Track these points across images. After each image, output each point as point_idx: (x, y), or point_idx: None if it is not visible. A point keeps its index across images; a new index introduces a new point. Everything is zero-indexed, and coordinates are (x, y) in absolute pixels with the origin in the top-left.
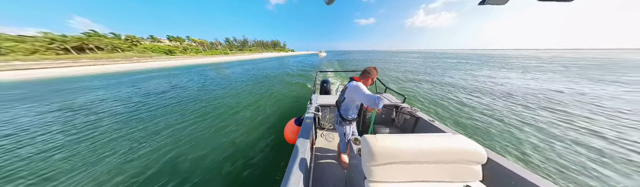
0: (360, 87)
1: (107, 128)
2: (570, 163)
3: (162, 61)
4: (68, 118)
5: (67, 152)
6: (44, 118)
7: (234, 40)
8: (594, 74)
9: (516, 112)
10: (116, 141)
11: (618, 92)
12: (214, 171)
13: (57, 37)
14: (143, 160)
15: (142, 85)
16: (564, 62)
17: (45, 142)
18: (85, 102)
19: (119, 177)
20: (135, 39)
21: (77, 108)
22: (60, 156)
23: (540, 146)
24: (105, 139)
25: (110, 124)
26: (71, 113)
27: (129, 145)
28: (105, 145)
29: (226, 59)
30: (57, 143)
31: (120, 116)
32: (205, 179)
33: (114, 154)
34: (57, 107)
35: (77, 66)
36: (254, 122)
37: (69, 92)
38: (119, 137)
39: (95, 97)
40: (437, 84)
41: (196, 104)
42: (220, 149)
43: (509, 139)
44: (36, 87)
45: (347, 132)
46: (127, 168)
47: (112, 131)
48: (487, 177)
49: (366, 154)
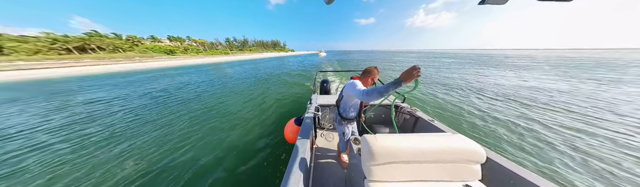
0: (355, 83)
1: (104, 128)
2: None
3: (163, 61)
4: (68, 116)
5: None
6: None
7: (234, 40)
8: (578, 72)
9: (516, 111)
10: (116, 140)
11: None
12: (214, 170)
13: (59, 38)
14: (142, 159)
15: (143, 85)
16: (556, 61)
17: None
18: (81, 102)
19: (117, 176)
20: (136, 39)
21: (74, 107)
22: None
23: (539, 145)
24: (101, 139)
25: (110, 124)
26: (68, 112)
27: (127, 144)
28: (101, 144)
29: (227, 59)
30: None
31: (116, 116)
32: (205, 179)
33: (112, 153)
34: (59, 106)
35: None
36: (253, 122)
37: (69, 91)
38: (118, 137)
39: (94, 96)
40: (431, 83)
41: (196, 104)
42: (220, 149)
43: (509, 138)
44: (36, 87)
45: (347, 132)
46: (126, 167)
47: (110, 130)
48: (486, 177)
49: (366, 153)
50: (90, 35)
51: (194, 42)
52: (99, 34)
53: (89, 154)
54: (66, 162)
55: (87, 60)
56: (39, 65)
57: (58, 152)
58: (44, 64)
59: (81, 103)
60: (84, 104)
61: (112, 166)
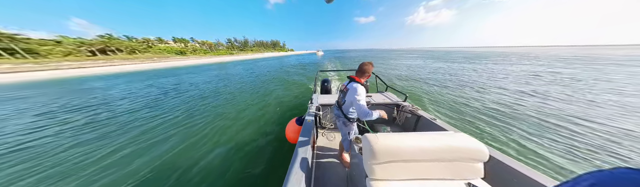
0: (358, 95)
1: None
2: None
3: (178, 61)
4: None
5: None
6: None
7: (234, 40)
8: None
9: (524, 109)
10: (115, 137)
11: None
12: (214, 170)
13: (85, 41)
14: (142, 159)
15: (154, 83)
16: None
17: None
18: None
19: (116, 175)
20: (150, 42)
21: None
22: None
23: (545, 142)
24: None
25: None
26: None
27: (126, 143)
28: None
29: (232, 58)
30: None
31: (113, 116)
32: (206, 178)
33: (108, 152)
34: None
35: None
36: (254, 121)
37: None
38: (115, 136)
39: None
40: (430, 84)
41: (197, 103)
42: (221, 149)
43: (514, 136)
44: (124, 78)
45: (349, 131)
46: (126, 166)
47: (113, 128)
48: (489, 175)
49: (367, 152)
50: (109, 39)
51: (197, 43)
52: (114, 38)
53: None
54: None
55: (115, 61)
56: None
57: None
58: (86, 64)
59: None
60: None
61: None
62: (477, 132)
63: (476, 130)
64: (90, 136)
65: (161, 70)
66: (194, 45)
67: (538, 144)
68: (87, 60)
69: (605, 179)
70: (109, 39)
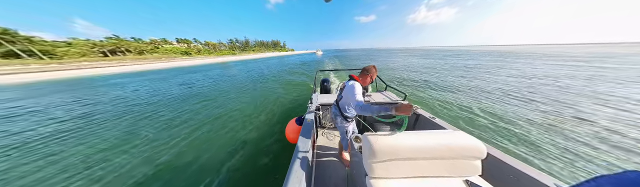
0: (355, 89)
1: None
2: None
3: (185, 61)
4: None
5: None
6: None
7: (236, 41)
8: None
9: (519, 107)
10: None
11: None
12: (215, 170)
13: (97, 42)
14: (141, 159)
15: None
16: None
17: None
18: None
19: (115, 174)
20: (157, 43)
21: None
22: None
23: (543, 141)
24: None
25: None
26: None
27: (124, 142)
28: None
29: (234, 58)
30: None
31: (110, 115)
32: (206, 178)
33: (107, 150)
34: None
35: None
36: (255, 122)
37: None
38: (110, 135)
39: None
40: (431, 84)
41: (197, 103)
42: (222, 149)
43: (512, 133)
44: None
45: (348, 130)
46: (124, 166)
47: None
48: (487, 172)
49: (367, 151)
50: (118, 40)
51: (200, 43)
52: (121, 39)
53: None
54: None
55: (128, 61)
56: (100, 65)
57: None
58: (102, 64)
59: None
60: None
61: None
62: (477, 131)
63: (474, 129)
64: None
65: (175, 69)
66: (197, 46)
67: (537, 142)
68: (102, 61)
69: (616, 182)
70: (118, 40)
